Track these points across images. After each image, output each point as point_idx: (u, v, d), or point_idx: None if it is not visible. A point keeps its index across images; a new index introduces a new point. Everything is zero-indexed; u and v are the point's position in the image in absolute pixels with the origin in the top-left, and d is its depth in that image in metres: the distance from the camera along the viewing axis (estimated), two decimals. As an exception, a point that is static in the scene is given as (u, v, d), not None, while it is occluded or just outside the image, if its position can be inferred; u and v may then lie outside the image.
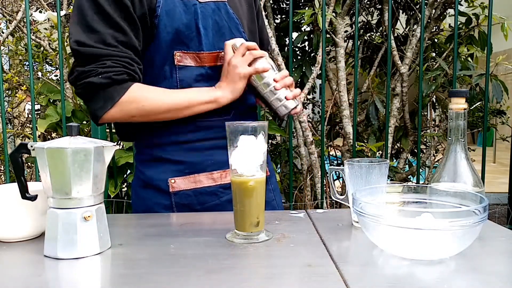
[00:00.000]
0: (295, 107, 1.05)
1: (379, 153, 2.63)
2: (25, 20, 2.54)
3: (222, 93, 1.01)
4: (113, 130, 2.28)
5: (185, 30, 1.00)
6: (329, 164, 2.87)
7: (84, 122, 2.35)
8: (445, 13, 2.62)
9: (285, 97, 1.03)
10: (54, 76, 2.98)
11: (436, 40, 2.76)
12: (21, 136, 2.89)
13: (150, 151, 1.07)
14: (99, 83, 0.93)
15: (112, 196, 2.18)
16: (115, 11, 0.94)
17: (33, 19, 2.72)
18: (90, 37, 0.93)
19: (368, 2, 2.79)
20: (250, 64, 1.01)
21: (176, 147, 1.05)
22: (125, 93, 0.95)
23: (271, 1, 2.74)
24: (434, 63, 2.69)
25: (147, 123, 1.04)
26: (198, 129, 1.04)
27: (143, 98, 0.97)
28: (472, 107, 2.83)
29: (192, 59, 1.02)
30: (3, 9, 2.86)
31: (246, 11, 1.14)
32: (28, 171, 2.80)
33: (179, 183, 1.04)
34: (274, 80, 1.03)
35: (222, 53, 1.04)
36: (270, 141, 3.08)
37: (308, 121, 2.60)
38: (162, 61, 1.01)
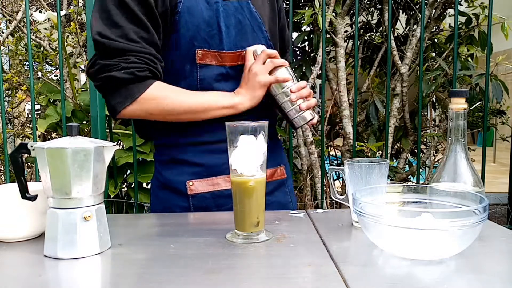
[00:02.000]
0: (312, 119, 1.04)
1: (379, 153, 2.62)
2: (25, 20, 2.54)
3: (241, 100, 1.01)
4: (113, 130, 2.28)
5: (205, 27, 0.99)
6: (329, 164, 2.87)
7: (84, 122, 2.35)
8: (445, 13, 2.62)
9: (300, 108, 1.02)
10: (54, 76, 2.99)
11: (436, 40, 2.76)
12: (21, 136, 2.89)
13: (168, 152, 1.07)
14: (121, 78, 0.93)
15: (112, 196, 2.18)
16: (138, 7, 0.94)
17: (33, 19, 2.72)
18: (112, 31, 0.93)
19: (368, 2, 2.78)
20: (270, 73, 1.01)
21: (194, 149, 1.05)
22: (146, 90, 0.95)
23: (271, 1, 2.73)
24: (434, 63, 2.69)
25: (165, 123, 1.04)
26: (216, 130, 1.03)
27: (163, 97, 0.97)
28: (472, 107, 2.83)
29: (213, 57, 1.01)
30: (3, 9, 2.86)
31: (267, 11, 1.14)
32: (28, 171, 2.80)
33: (197, 186, 1.04)
34: (291, 91, 1.02)
35: (244, 52, 1.04)
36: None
37: (308, 121, 2.60)
38: (182, 59, 1.00)
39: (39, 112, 2.87)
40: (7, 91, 2.78)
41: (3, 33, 2.82)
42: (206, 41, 1.00)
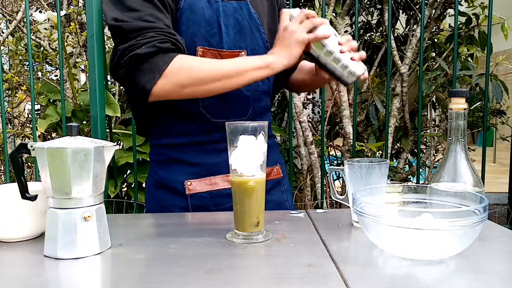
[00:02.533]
0: (364, 73, 0.98)
1: (379, 153, 2.62)
2: (25, 20, 2.54)
3: (276, 58, 0.96)
4: (113, 130, 2.28)
5: (206, 25, 0.99)
6: (329, 164, 2.87)
7: (84, 122, 2.35)
8: (445, 13, 2.62)
9: (351, 59, 0.96)
10: (54, 76, 2.98)
11: (436, 40, 2.76)
12: (21, 136, 2.89)
13: (166, 152, 1.07)
14: (144, 53, 0.89)
15: (112, 196, 2.18)
16: None
17: (33, 19, 2.72)
18: (127, 15, 0.92)
19: (368, 2, 2.78)
20: (309, 32, 0.96)
21: (191, 148, 1.05)
22: (171, 62, 0.91)
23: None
24: (434, 63, 2.69)
25: (163, 121, 1.03)
26: (214, 129, 1.03)
27: (192, 65, 0.93)
28: (472, 107, 2.83)
29: (214, 56, 1.01)
30: (3, 9, 2.86)
31: (266, 10, 1.13)
32: (28, 171, 2.80)
33: (195, 185, 1.04)
34: (339, 44, 0.96)
35: (242, 52, 1.03)
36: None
37: (308, 121, 2.60)
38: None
39: (39, 112, 2.87)
40: (7, 91, 2.77)
41: (3, 33, 2.82)
42: (207, 40, 1.00)
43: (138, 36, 0.90)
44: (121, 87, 2.40)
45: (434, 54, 2.76)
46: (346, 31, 2.55)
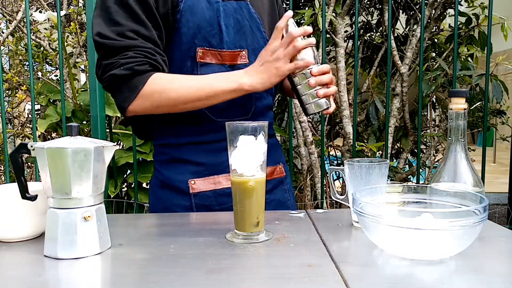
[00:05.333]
0: (327, 108, 0.98)
1: (379, 153, 2.62)
2: (25, 20, 2.54)
3: (250, 81, 0.95)
4: (113, 130, 2.28)
5: (206, 26, 1.00)
6: (329, 164, 2.87)
7: (84, 122, 2.35)
8: (445, 13, 2.62)
9: (317, 94, 0.96)
10: (54, 76, 2.99)
11: (436, 40, 2.76)
12: (21, 136, 2.89)
13: (169, 152, 1.07)
14: (121, 75, 0.93)
15: (112, 196, 2.18)
16: (138, 6, 0.95)
17: (33, 19, 2.72)
18: (111, 30, 0.94)
19: (368, 2, 2.78)
20: (292, 59, 0.94)
21: (195, 148, 1.05)
22: (147, 83, 0.94)
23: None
24: (434, 63, 2.69)
25: (166, 121, 1.04)
26: (217, 129, 1.03)
27: (164, 88, 0.95)
28: (472, 107, 2.83)
29: (214, 56, 1.01)
30: (3, 9, 2.86)
31: (267, 8, 1.14)
32: (28, 171, 2.80)
33: (199, 185, 1.04)
34: (311, 73, 0.95)
35: (243, 52, 1.04)
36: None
37: (308, 121, 2.60)
38: (182, 57, 1.00)
39: (39, 112, 2.87)
40: (7, 91, 2.78)
41: (3, 33, 2.82)
42: (207, 40, 1.00)
43: (118, 54, 0.94)
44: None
45: (434, 54, 2.76)
46: (346, 31, 2.55)
